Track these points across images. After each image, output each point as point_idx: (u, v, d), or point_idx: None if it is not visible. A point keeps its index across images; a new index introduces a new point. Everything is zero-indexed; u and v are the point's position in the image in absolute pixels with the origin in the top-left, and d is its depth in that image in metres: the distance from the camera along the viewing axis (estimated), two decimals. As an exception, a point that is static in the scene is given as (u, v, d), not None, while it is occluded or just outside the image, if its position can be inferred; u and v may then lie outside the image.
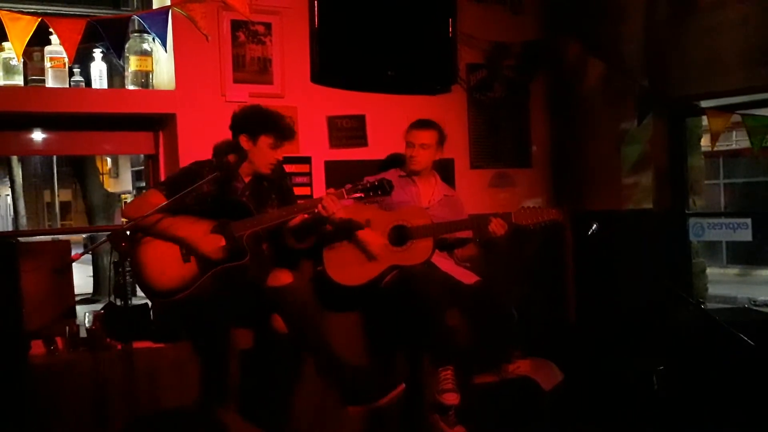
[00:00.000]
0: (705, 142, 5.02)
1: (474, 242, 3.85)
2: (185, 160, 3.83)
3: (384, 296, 3.67)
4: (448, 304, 3.53)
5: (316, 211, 3.35)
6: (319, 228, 3.56)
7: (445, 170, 4.24)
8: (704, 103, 4.50)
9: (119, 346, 3.47)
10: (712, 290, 6.08)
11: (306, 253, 3.82)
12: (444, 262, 3.84)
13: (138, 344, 3.52)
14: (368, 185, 3.36)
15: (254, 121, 3.46)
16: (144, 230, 3.35)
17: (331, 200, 3.33)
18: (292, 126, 3.54)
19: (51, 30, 3.35)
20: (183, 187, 3.32)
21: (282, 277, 3.31)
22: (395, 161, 4.17)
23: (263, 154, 3.45)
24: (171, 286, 3.33)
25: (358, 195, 3.36)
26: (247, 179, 3.58)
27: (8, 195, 18.46)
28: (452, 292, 3.62)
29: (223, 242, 3.32)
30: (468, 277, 3.78)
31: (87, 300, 11.96)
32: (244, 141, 3.45)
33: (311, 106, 4.28)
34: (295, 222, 3.46)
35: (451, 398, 3.38)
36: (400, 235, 3.74)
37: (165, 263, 3.36)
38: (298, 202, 3.59)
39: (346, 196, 3.36)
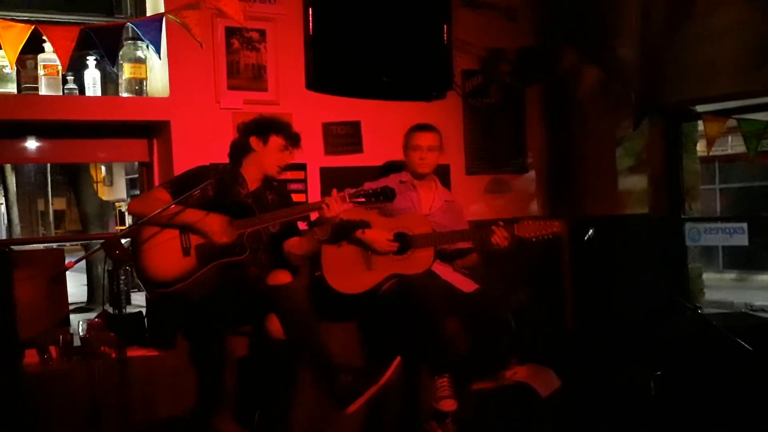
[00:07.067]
0: (701, 146, 5.02)
1: (476, 252, 3.84)
2: (179, 168, 3.82)
3: (381, 304, 3.65)
4: (447, 313, 3.51)
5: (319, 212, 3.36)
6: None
7: (441, 176, 4.22)
8: (700, 108, 4.50)
9: (113, 355, 3.45)
10: (709, 295, 6.08)
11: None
12: (443, 269, 3.81)
13: (132, 352, 3.51)
14: (371, 191, 3.35)
15: (265, 124, 3.56)
16: (150, 221, 3.33)
17: (335, 201, 3.33)
18: (299, 135, 3.61)
19: (44, 37, 3.33)
20: (188, 189, 3.35)
21: (281, 277, 3.31)
22: (393, 169, 4.16)
23: (272, 154, 3.52)
24: (170, 276, 3.33)
25: (360, 200, 3.36)
26: (252, 186, 3.58)
27: (2, 203, 18.42)
28: (451, 300, 3.59)
29: (227, 226, 3.33)
30: (467, 285, 3.76)
31: (81, 308, 11.91)
32: (254, 142, 3.53)
33: (306, 113, 4.27)
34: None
35: (448, 404, 3.35)
36: (401, 244, 3.72)
37: (165, 256, 3.36)
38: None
39: (348, 201, 3.35)
